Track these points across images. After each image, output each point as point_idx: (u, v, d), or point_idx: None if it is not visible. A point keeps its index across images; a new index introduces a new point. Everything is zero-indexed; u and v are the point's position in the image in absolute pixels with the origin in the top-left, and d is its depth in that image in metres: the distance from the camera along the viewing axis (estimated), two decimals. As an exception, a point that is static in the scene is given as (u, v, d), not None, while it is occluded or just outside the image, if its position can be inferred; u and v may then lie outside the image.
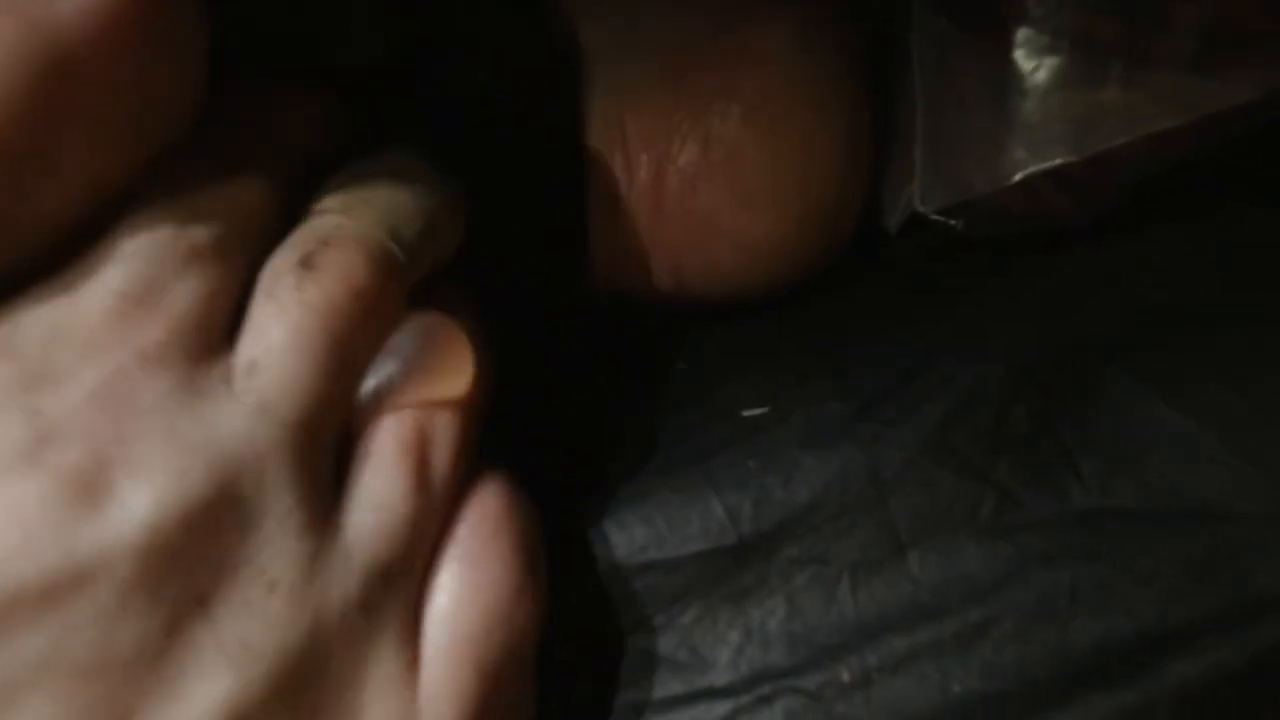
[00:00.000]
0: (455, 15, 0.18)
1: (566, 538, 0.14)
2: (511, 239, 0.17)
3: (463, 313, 0.13)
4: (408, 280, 0.13)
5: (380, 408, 0.12)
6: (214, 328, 0.11)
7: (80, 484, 0.10)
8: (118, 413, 0.10)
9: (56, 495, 0.10)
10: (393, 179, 0.13)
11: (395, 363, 0.12)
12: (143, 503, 0.10)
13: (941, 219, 0.17)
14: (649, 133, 0.17)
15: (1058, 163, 0.14)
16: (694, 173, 0.17)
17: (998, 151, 0.15)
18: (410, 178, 0.13)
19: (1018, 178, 0.14)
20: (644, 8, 0.18)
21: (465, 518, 0.13)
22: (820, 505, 0.15)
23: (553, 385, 0.17)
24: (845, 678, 0.13)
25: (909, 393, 0.15)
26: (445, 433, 0.12)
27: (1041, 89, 0.14)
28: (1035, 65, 0.14)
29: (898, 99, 0.17)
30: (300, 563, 0.11)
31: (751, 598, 0.14)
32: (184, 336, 0.11)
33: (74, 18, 0.10)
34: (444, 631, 0.12)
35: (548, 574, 0.13)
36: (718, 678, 0.14)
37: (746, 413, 0.16)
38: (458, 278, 0.14)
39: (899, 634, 0.13)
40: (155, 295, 0.11)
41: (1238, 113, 0.13)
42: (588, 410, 0.17)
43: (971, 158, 0.15)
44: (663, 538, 0.15)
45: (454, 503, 0.13)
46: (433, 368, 0.12)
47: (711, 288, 0.18)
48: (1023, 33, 0.14)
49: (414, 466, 0.12)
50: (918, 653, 0.13)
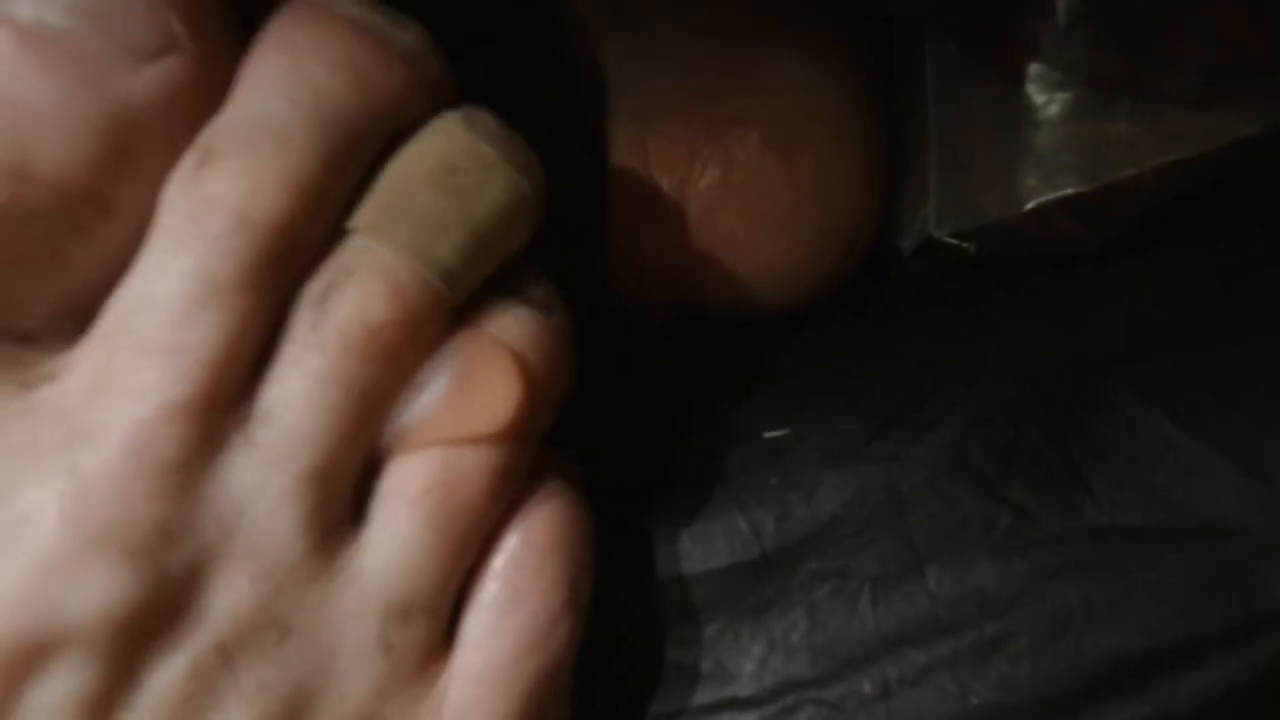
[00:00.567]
0: (479, 42, 0.19)
1: (594, 553, 0.15)
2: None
3: (527, 325, 0.12)
4: (446, 305, 0.12)
5: (407, 444, 0.12)
6: (236, 370, 0.11)
7: (104, 542, 0.10)
8: (142, 466, 0.10)
9: (83, 550, 0.10)
10: (442, 179, 0.11)
11: (425, 397, 0.12)
12: (161, 562, 0.10)
13: (955, 242, 0.18)
14: (670, 157, 0.18)
15: (1069, 192, 0.15)
16: (714, 196, 0.18)
17: (1011, 179, 0.15)
18: (465, 175, 0.12)
19: (1030, 205, 0.15)
20: (665, 35, 0.18)
21: (509, 544, 0.12)
22: (841, 521, 0.15)
23: (572, 405, 0.17)
24: (867, 689, 0.14)
25: (924, 411, 0.16)
26: (478, 469, 0.12)
27: (1053, 121, 0.14)
28: (1047, 99, 0.14)
29: (910, 123, 0.18)
30: (312, 609, 0.11)
31: (774, 611, 0.15)
32: (207, 385, 0.11)
33: (142, 90, 0.10)
34: (476, 658, 0.12)
35: (589, 598, 0.13)
36: (742, 689, 0.14)
37: (768, 434, 0.16)
38: (533, 276, 0.13)
39: (918, 647, 0.14)
40: (178, 342, 0.10)
41: (1240, 146, 0.14)
42: (608, 429, 0.17)
43: (985, 184, 0.16)
44: (688, 553, 0.15)
45: (498, 526, 0.12)
46: (468, 402, 0.12)
47: (729, 307, 0.19)
48: (1035, 67, 0.14)
49: (436, 506, 0.12)
50: (936, 665, 0.14)
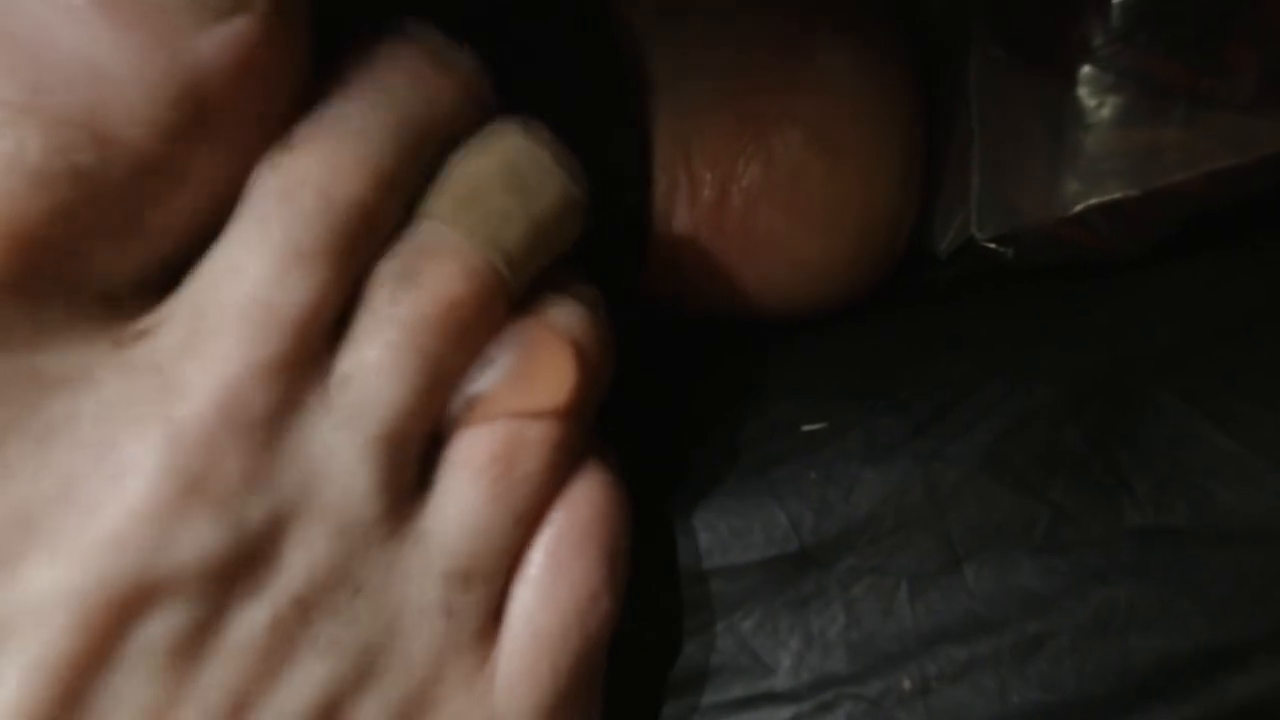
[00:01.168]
0: (523, 37, 0.19)
1: (634, 542, 0.15)
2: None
3: (578, 316, 0.13)
4: (510, 290, 0.13)
5: (472, 417, 0.12)
6: (320, 335, 0.11)
7: (197, 491, 0.10)
8: (231, 421, 0.11)
9: (178, 500, 0.10)
10: (506, 178, 0.12)
11: (491, 372, 0.12)
12: (246, 513, 0.11)
13: (994, 246, 0.18)
14: (713, 153, 0.18)
15: (1115, 197, 0.15)
16: (756, 193, 0.18)
17: (1055, 183, 0.15)
18: (525, 176, 0.13)
19: (1076, 209, 0.15)
20: (708, 31, 0.19)
21: (556, 519, 0.13)
22: (879, 518, 0.15)
23: (612, 398, 0.17)
24: (906, 686, 0.14)
25: (963, 411, 0.16)
26: (539, 441, 0.12)
27: (1103, 125, 0.15)
28: (1098, 102, 0.14)
29: (952, 125, 0.18)
30: (382, 569, 0.12)
31: (812, 606, 0.15)
32: (291, 346, 0.11)
33: (213, 50, 0.10)
34: (524, 629, 0.13)
35: (626, 580, 0.14)
36: (779, 683, 0.14)
37: (806, 428, 0.16)
38: (578, 278, 0.14)
39: (957, 644, 0.14)
40: (269, 304, 0.11)
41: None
42: (648, 422, 0.17)
43: (1028, 188, 0.16)
44: (726, 545, 0.15)
45: (549, 502, 0.13)
46: (529, 379, 0.12)
47: (767, 305, 0.19)
48: (1086, 70, 0.15)
49: (501, 474, 0.12)
50: (976, 663, 0.14)
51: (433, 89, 0.12)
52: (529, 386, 0.12)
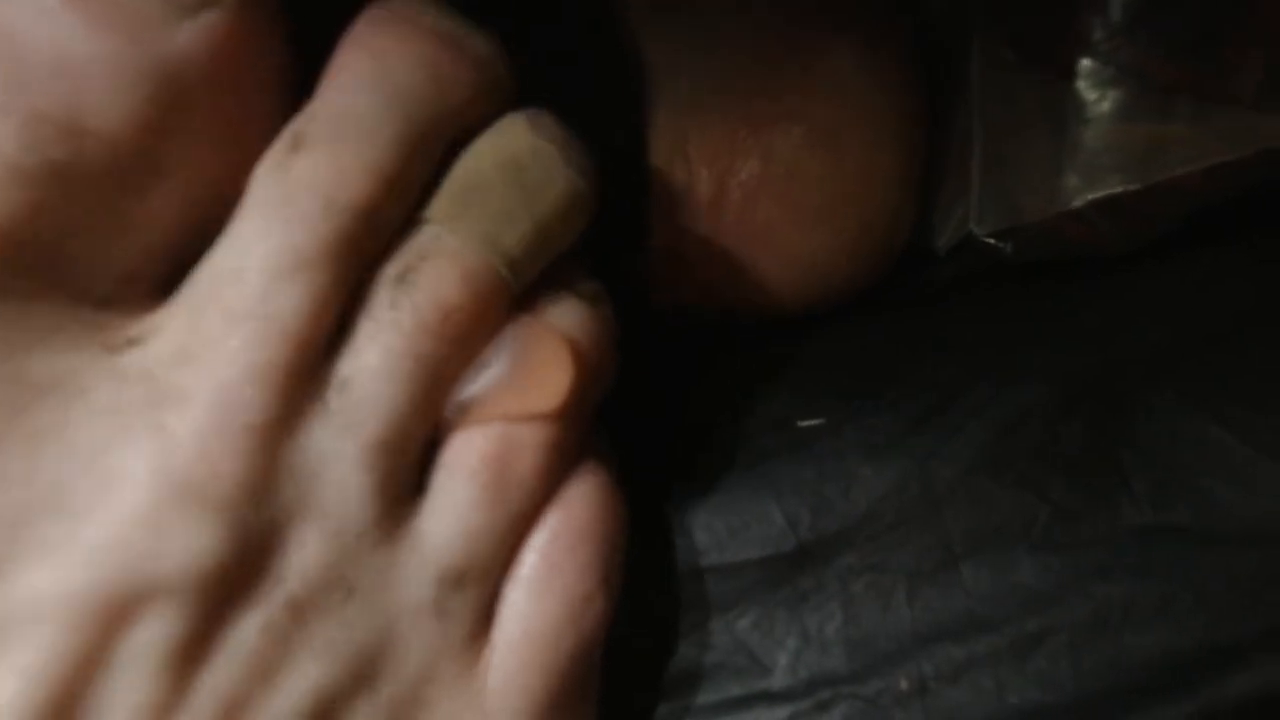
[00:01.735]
0: (523, 28, 0.19)
1: (630, 540, 0.15)
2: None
3: (579, 315, 0.13)
4: (509, 293, 0.13)
5: (467, 420, 0.12)
6: (317, 340, 0.11)
7: (191, 500, 0.10)
8: (227, 428, 0.11)
9: (172, 506, 0.10)
10: (509, 175, 0.12)
11: (486, 375, 0.12)
12: (241, 520, 0.11)
13: (993, 242, 0.18)
14: (711, 148, 0.18)
15: (1116, 191, 0.14)
16: (754, 189, 0.18)
17: (1055, 177, 0.15)
18: (529, 173, 0.12)
19: (1075, 204, 0.15)
20: (707, 26, 0.18)
21: (550, 520, 0.13)
22: (877, 515, 0.15)
23: (608, 397, 0.17)
24: (903, 685, 0.14)
25: (961, 408, 0.16)
26: (532, 445, 0.12)
27: (1102, 119, 0.14)
28: (1097, 96, 0.14)
29: (952, 120, 0.18)
30: (376, 571, 0.12)
31: (809, 604, 0.15)
32: (289, 352, 0.11)
33: (185, 45, 0.10)
34: (517, 630, 0.13)
35: (621, 581, 0.14)
36: (775, 682, 0.14)
37: (803, 424, 0.16)
38: (582, 272, 0.14)
39: (955, 643, 0.14)
40: (267, 311, 0.11)
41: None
42: (644, 421, 0.17)
43: (1028, 183, 0.16)
44: (723, 543, 0.15)
45: (543, 503, 0.13)
46: (525, 383, 0.12)
47: (766, 301, 0.19)
48: (1086, 64, 0.14)
49: (494, 477, 0.12)
50: (974, 662, 0.14)
51: (445, 79, 0.12)
52: (524, 389, 0.12)
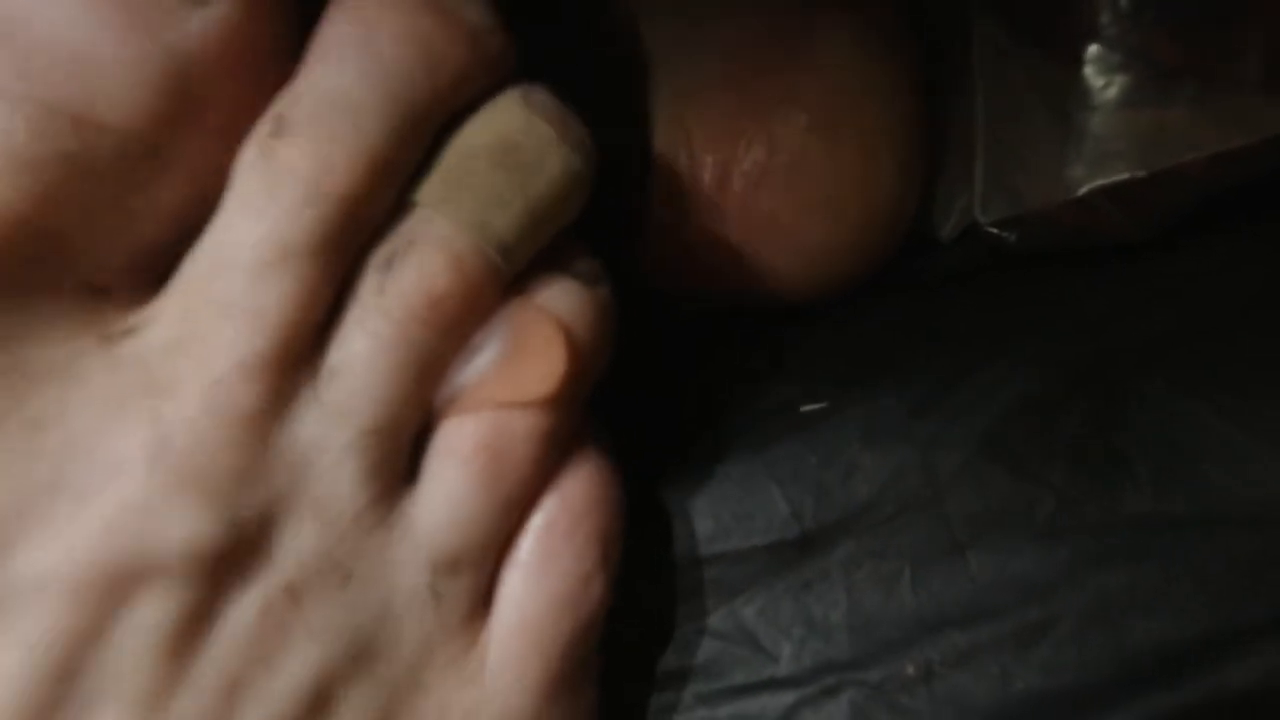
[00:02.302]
0: (523, 16, 0.18)
1: (633, 527, 0.15)
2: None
3: (574, 297, 0.13)
4: (501, 277, 0.12)
5: (459, 406, 0.12)
6: (305, 330, 0.11)
7: (187, 485, 0.10)
8: (220, 416, 0.11)
9: (168, 492, 0.10)
10: (501, 156, 0.12)
11: (480, 361, 0.12)
12: (236, 505, 0.11)
13: (996, 231, 0.18)
14: (714, 136, 0.18)
15: (1121, 178, 0.14)
16: (757, 176, 0.18)
17: (1060, 166, 0.15)
18: (522, 152, 0.12)
19: (1081, 192, 0.15)
20: (708, 12, 0.18)
21: (547, 505, 0.13)
22: (879, 503, 0.15)
23: (613, 380, 0.17)
24: (909, 671, 0.14)
25: (961, 396, 0.16)
26: (526, 430, 0.12)
27: (1109, 106, 0.14)
28: (1105, 83, 0.14)
29: (954, 106, 0.18)
30: (371, 556, 0.12)
31: (814, 591, 0.15)
32: (280, 341, 0.11)
33: (196, 36, 0.10)
34: (514, 613, 0.13)
35: (619, 564, 0.14)
36: (781, 669, 0.14)
37: (805, 408, 0.16)
38: (579, 250, 0.13)
39: (959, 630, 0.14)
40: (254, 302, 0.11)
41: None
42: (649, 407, 0.17)
43: (1032, 172, 0.16)
44: (728, 530, 0.15)
45: (539, 488, 0.13)
46: (518, 368, 0.12)
47: (769, 288, 0.19)
48: (1093, 50, 0.14)
49: (487, 463, 0.12)
50: (978, 649, 0.14)
51: (437, 54, 0.11)
52: (517, 375, 0.12)
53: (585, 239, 0.18)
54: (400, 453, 0.12)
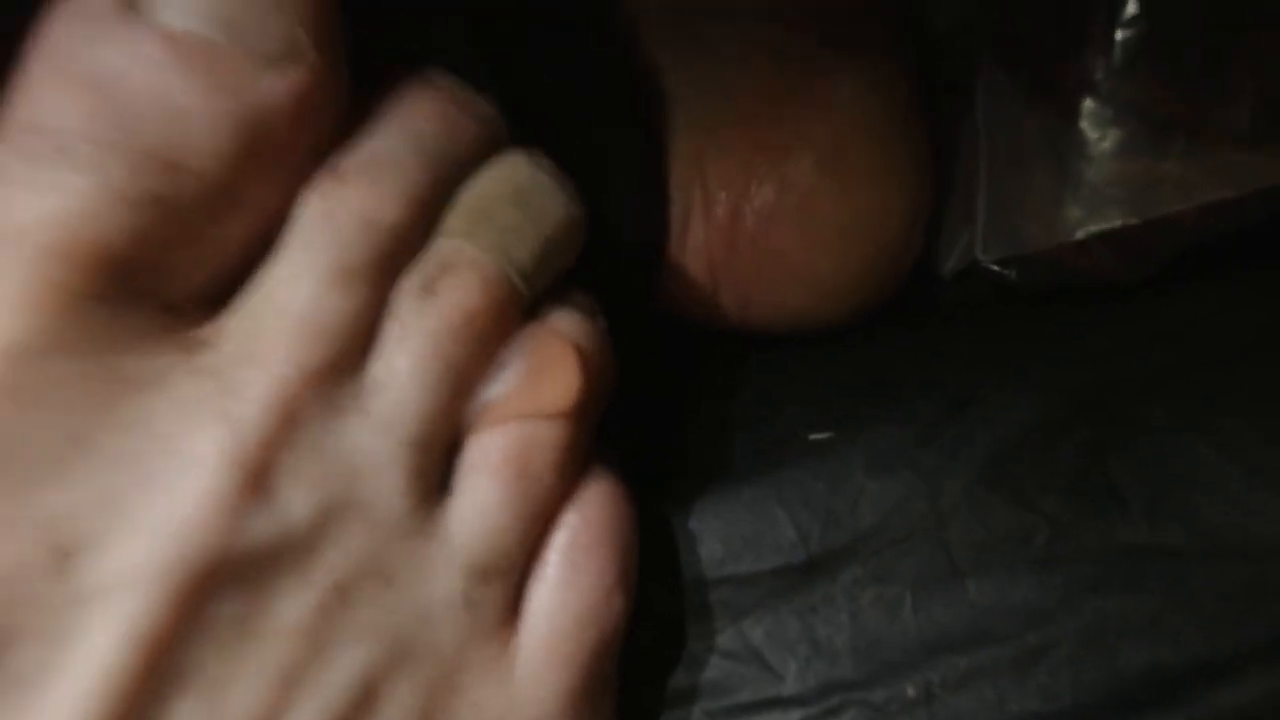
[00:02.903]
0: (542, 54, 0.19)
1: (648, 549, 0.15)
2: (589, 262, 0.18)
3: (580, 325, 0.14)
4: (522, 301, 0.14)
5: (488, 420, 0.13)
6: (357, 345, 0.13)
7: (255, 482, 0.11)
8: (282, 423, 0.12)
9: (236, 488, 0.11)
10: (515, 198, 0.14)
11: (505, 378, 0.13)
12: (295, 504, 0.12)
13: (997, 269, 0.18)
14: (727, 173, 0.19)
15: (1115, 225, 0.15)
16: (768, 214, 0.18)
17: (1057, 210, 0.16)
18: (531, 196, 0.14)
19: (1077, 237, 0.16)
20: (722, 51, 0.19)
21: (569, 521, 0.14)
22: (883, 529, 0.16)
23: (628, 405, 0.18)
24: (910, 693, 0.14)
25: (963, 425, 0.16)
26: (548, 443, 0.13)
27: (1104, 156, 0.15)
28: (1099, 135, 0.15)
29: (958, 149, 0.19)
30: (411, 562, 0.13)
31: (820, 614, 0.15)
32: (335, 356, 0.12)
33: (270, 94, 0.12)
34: (543, 624, 0.13)
35: (637, 578, 0.14)
36: (787, 688, 0.15)
37: (814, 436, 0.17)
38: (578, 290, 0.15)
39: (959, 654, 0.14)
40: (316, 317, 0.12)
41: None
42: (661, 429, 0.18)
43: (1031, 213, 0.17)
44: (738, 554, 0.16)
45: (560, 503, 0.14)
46: (539, 384, 0.13)
47: (776, 319, 0.19)
48: (1088, 103, 0.15)
49: (515, 475, 0.13)
50: (977, 673, 0.14)
51: (457, 129, 0.14)
52: (538, 391, 0.13)
53: (606, 272, 0.19)
54: (435, 464, 0.13)
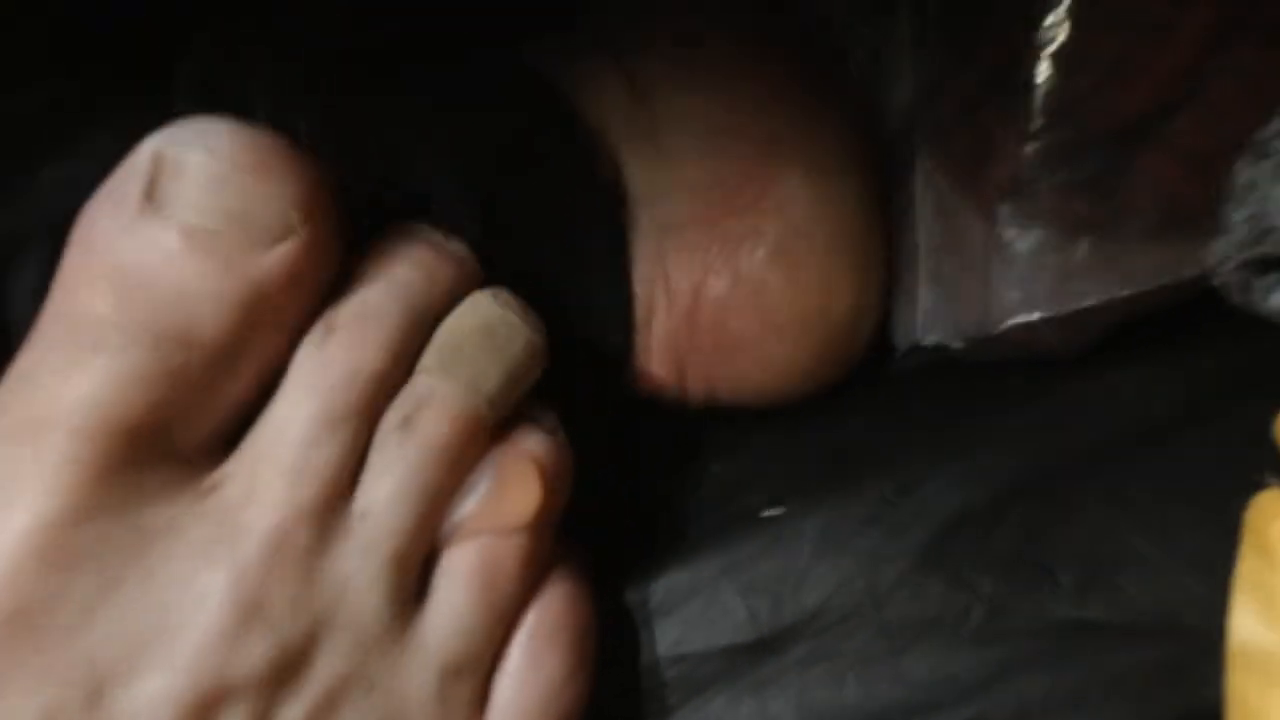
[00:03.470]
0: (515, 158, 0.21)
1: (607, 633, 0.17)
2: (561, 352, 0.20)
3: (542, 441, 0.16)
4: (489, 425, 0.15)
5: (459, 534, 0.15)
6: (344, 481, 0.14)
7: (255, 612, 0.13)
8: (280, 557, 0.13)
9: (241, 621, 0.13)
10: (483, 336, 0.15)
11: (473, 497, 0.15)
12: (289, 627, 0.13)
13: (944, 345, 0.19)
14: (686, 267, 0.20)
15: (1035, 318, 0.16)
16: (725, 304, 0.20)
17: (987, 302, 0.17)
18: (498, 332, 0.15)
19: (1004, 327, 0.17)
20: (679, 153, 0.21)
21: (530, 619, 0.15)
22: (827, 609, 0.17)
23: (591, 482, 0.19)
24: (851, 765, 0.15)
25: (908, 505, 0.18)
26: (511, 554, 0.15)
27: (1022, 255, 0.16)
28: (1018, 233, 0.16)
29: (903, 238, 0.20)
30: (390, 667, 0.14)
31: (770, 689, 0.16)
32: (324, 493, 0.14)
33: (270, 268, 0.13)
34: (509, 710, 0.15)
35: (595, 665, 0.16)
36: (738, 760, 0.16)
37: (766, 513, 0.18)
38: (541, 407, 0.16)
39: (898, 727, 0.16)
40: (307, 462, 0.14)
41: (1187, 284, 0.15)
42: (627, 508, 0.19)
43: (966, 302, 0.18)
44: (693, 633, 0.17)
45: (524, 603, 0.15)
46: (503, 501, 0.15)
47: (741, 397, 0.21)
48: (1006, 206, 0.16)
49: (482, 586, 0.15)
50: (915, 745, 0.15)
51: (434, 274, 0.15)
52: (502, 508, 0.15)
53: (578, 360, 0.20)
54: (413, 576, 0.15)
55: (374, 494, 0.14)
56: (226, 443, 0.14)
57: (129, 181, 0.13)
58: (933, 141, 0.17)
